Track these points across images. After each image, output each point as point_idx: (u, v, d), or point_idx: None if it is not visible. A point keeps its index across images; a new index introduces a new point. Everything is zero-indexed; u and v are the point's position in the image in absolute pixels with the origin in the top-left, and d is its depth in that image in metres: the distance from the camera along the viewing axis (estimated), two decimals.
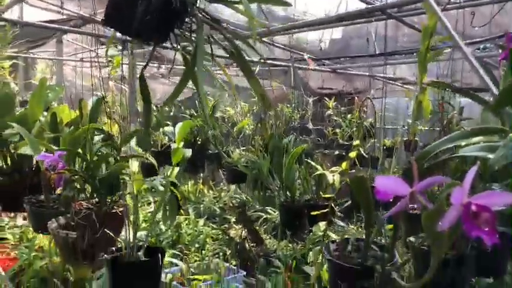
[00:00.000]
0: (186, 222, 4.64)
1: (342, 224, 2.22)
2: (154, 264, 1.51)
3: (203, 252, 4.34)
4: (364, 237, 1.27)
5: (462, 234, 1.07)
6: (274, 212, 4.82)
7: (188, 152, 1.64)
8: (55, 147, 1.69)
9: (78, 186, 1.67)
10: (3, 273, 3.50)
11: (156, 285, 1.50)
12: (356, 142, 2.69)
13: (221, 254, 4.36)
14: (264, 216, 4.78)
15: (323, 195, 2.49)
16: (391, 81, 6.36)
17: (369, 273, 1.13)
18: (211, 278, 3.77)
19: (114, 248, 1.58)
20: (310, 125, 5.54)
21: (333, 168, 2.46)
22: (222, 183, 6.35)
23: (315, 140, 5.08)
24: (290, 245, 3.73)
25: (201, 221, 4.69)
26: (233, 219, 5.08)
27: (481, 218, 0.82)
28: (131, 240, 1.51)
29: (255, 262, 4.10)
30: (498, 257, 1.39)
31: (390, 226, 1.30)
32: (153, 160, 1.65)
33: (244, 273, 4.10)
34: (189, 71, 1.02)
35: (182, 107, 5.16)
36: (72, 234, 1.64)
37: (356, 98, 7.09)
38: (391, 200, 1.13)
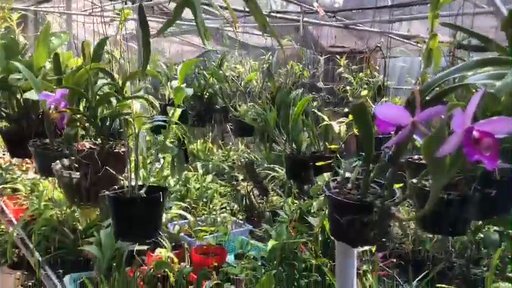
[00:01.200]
0: (195, 178, 4.68)
1: (348, 174, 2.20)
2: (155, 201, 1.53)
3: (211, 206, 4.40)
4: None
5: (464, 169, 1.04)
6: (282, 170, 4.83)
7: (189, 91, 1.62)
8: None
9: (81, 126, 1.67)
10: (15, 222, 3.60)
11: (157, 221, 1.52)
12: (364, 92, 2.63)
13: (228, 209, 4.42)
14: (272, 174, 4.80)
15: (329, 147, 2.47)
16: (404, 40, 6.20)
17: (368, 208, 1.11)
18: (218, 231, 3.83)
19: (116, 187, 1.60)
20: (320, 83, 5.46)
21: (341, 119, 2.42)
22: (231, 143, 6.36)
23: (324, 97, 5.01)
24: (296, 201, 3.76)
25: (209, 177, 4.72)
26: (241, 177, 5.12)
27: (483, 144, 0.79)
28: (132, 178, 1.51)
29: (262, 217, 4.15)
30: (500, 200, 1.37)
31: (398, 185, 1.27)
32: (155, 101, 1.63)
33: (251, 227, 4.16)
34: None
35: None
36: (75, 174, 1.65)
37: (367, 55, 6.95)
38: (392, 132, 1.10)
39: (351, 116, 2.41)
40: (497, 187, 1.30)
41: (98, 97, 1.65)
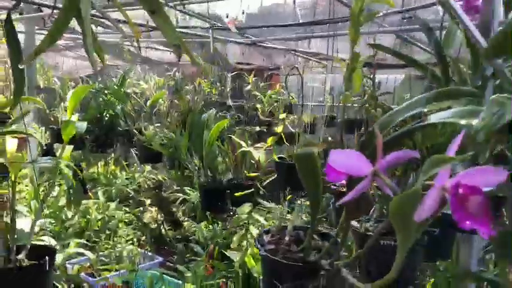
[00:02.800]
0: (96, 207, 4.22)
1: (268, 205, 2.02)
2: (40, 270, 1.19)
3: (115, 239, 3.99)
4: (304, 224, 1.07)
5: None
6: (193, 191, 4.56)
7: (82, 127, 1.32)
8: None
9: None
10: None
11: None
12: (282, 115, 2.49)
13: (135, 240, 4.04)
14: (182, 197, 4.50)
15: (247, 174, 2.27)
16: (310, 57, 6.29)
17: (313, 270, 0.92)
18: (124, 267, 3.45)
19: None
20: (229, 101, 5.30)
21: (257, 145, 2.25)
22: (135, 164, 5.92)
23: (234, 116, 4.85)
24: (210, 226, 3.51)
25: (113, 205, 4.29)
26: (148, 202, 4.75)
27: (470, 203, 0.63)
28: (8, 239, 1.16)
29: (173, 247, 3.84)
30: (444, 241, 1.27)
31: None
32: (37, 136, 1.30)
33: (161, 259, 3.82)
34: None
35: (90, 81, 4.65)
36: None
37: (275, 74, 6.97)
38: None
39: (269, 141, 2.25)
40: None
41: None
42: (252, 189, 2.11)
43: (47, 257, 1.20)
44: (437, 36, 1.32)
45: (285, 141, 2.41)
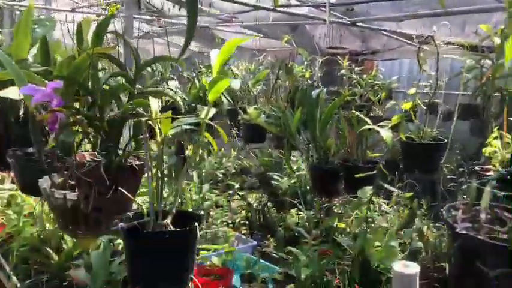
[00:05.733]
0: (190, 188, 4.26)
1: (392, 189, 1.84)
2: (188, 236, 1.12)
3: (209, 220, 3.99)
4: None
5: None
6: (282, 178, 4.46)
7: (235, 83, 1.22)
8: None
9: (81, 130, 1.25)
10: None
11: (189, 262, 1.10)
12: (411, 91, 2.28)
13: (230, 222, 4.02)
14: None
15: (369, 155, 2.10)
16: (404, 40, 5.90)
17: None
18: (221, 248, 3.43)
19: (130, 214, 1.19)
20: (320, 85, 5.10)
21: (381, 123, 2.06)
22: (222, 149, 5.94)
23: (329, 100, 4.66)
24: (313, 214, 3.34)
25: (206, 186, 4.30)
26: (236, 186, 4.72)
27: None
28: (156, 202, 1.10)
29: (271, 232, 3.76)
30: None
31: None
32: (179, 98, 1.23)
33: (255, 243, 3.76)
34: None
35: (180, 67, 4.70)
36: (71, 195, 1.24)
37: (369, 60, 6.65)
38: None
39: (394, 119, 2.06)
40: None
41: (103, 92, 1.23)
42: (374, 172, 1.94)
43: (195, 223, 1.13)
44: None
45: (414, 118, 2.20)
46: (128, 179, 1.23)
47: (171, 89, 1.53)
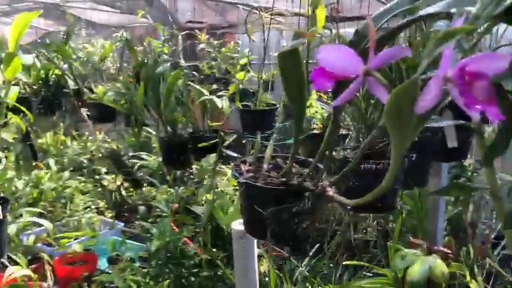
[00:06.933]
0: (48, 176, 4.00)
1: (234, 154, 1.96)
2: None
3: (71, 208, 3.82)
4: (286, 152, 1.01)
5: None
6: (151, 157, 4.42)
7: (28, 58, 1.16)
8: None
9: None
10: None
11: None
12: (243, 61, 2.39)
13: (93, 207, 3.89)
14: (140, 163, 4.36)
15: (211, 125, 2.18)
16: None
17: (296, 193, 0.86)
18: (84, 235, 3.32)
19: None
20: (182, 61, 5.10)
21: (220, 93, 2.15)
22: (87, 133, 5.65)
23: (189, 74, 4.68)
24: (171, 189, 3.41)
25: (66, 174, 4.08)
26: (104, 170, 4.57)
27: (476, 89, 0.58)
28: None
29: (134, 212, 3.73)
30: (421, 168, 1.25)
31: None
32: None
33: (122, 224, 3.72)
34: None
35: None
36: None
37: (229, 33, 6.77)
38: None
39: (231, 88, 2.16)
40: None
41: None
42: (216, 140, 2.03)
43: None
44: None
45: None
46: None
47: None
